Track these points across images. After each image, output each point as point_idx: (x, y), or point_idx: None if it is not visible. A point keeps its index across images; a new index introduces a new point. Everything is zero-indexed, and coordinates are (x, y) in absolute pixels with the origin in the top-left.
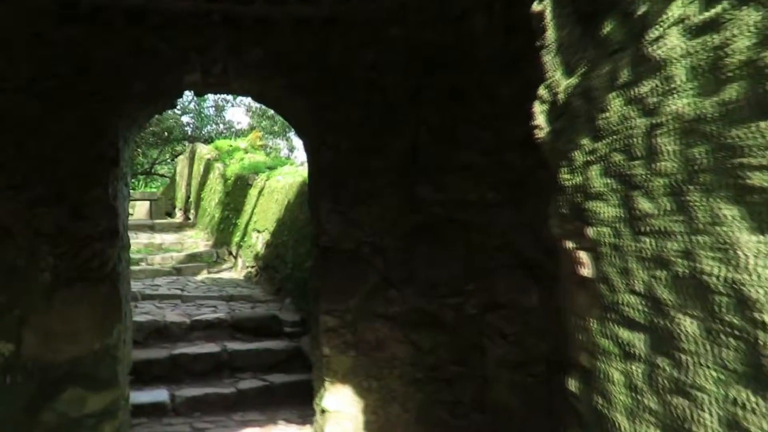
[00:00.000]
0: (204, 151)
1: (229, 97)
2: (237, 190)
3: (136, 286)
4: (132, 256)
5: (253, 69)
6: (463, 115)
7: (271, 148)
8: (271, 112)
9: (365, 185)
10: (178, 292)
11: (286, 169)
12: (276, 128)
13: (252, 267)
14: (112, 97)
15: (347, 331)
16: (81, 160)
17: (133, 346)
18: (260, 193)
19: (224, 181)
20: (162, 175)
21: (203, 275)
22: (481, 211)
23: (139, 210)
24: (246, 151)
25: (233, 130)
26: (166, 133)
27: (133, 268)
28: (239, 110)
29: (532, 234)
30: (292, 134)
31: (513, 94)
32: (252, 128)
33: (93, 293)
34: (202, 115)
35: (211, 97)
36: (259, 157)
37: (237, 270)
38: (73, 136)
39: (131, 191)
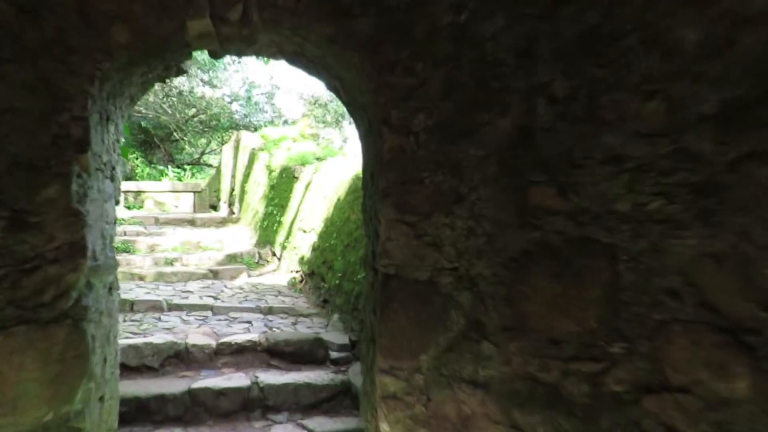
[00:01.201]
0: (249, 139)
1: (280, 82)
2: (282, 184)
3: (165, 292)
4: (167, 255)
5: (286, 13)
6: (610, 77)
7: (323, 138)
8: (325, 98)
9: (448, 185)
10: (211, 300)
11: (337, 161)
12: (328, 117)
13: (296, 272)
14: (78, 51)
15: (416, 401)
16: (29, 145)
17: (146, 373)
18: (307, 187)
19: (268, 173)
20: (210, 165)
21: (242, 279)
22: (639, 230)
23: (183, 203)
24: (294, 141)
25: (283, 118)
26: (213, 121)
27: (166, 269)
28: (291, 97)
29: (737, 273)
30: (346, 123)
31: (702, 40)
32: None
33: (43, 340)
34: (252, 101)
35: (263, 82)
36: (308, 146)
37: (280, 273)
38: (16, 108)
39: (177, 180)
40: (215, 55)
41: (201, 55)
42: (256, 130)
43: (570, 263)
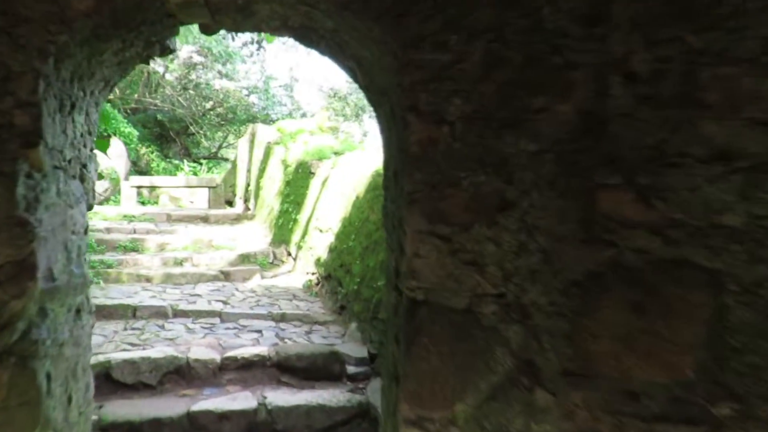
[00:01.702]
0: (264, 133)
1: (299, 74)
2: (298, 180)
3: (171, 295)
4: (176, 255)
5: None
6: (713, 46)
7: (342, 132)
8: (345, 90)
9: (492, 188)
10: (219, 306)
11: (356, 155)
12: (348, 110)
13: (312, 274)
14: (25, 19)
15: None
16: None
17: (142, 391)
18: (324, 184)
19: (284, 168)
20: (227, 160)
21: (255, 281)
22: (757, 252)
23: (199, 198)
24: (312, 134)
25: (302, 111)
26: (230, 114)
27: (175, 270)
28: (310, 90)
29: None
30: (366, 116)
31: None
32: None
33: None
34: (270, 94)
35: (282, 74)
36: (327, 140)
37: (295, 275)
38: None
39: (193, 175)
40: (208, 29)
41: (217, 47)
42: (273, 123)
43: (656, 292)
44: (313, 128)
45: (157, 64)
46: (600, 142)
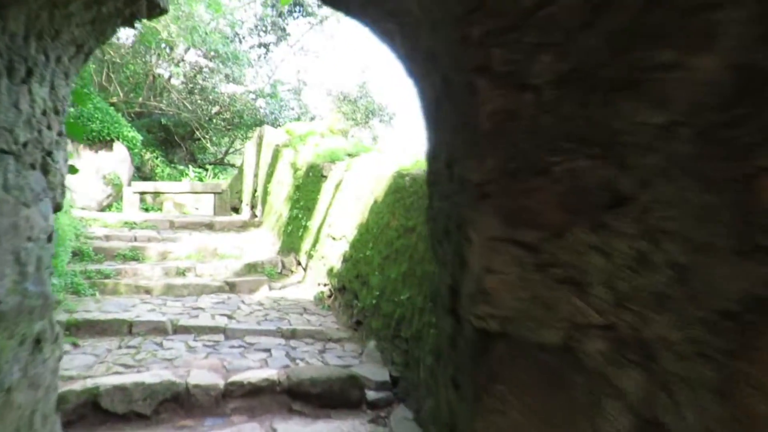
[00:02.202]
0: (272, 135)
1: (308, 77)
2: (309, 184)
3: (172, 309)
4: (179, 264)
5: None
6: None
7: (352, 136)
8: (354, 95)
9: (598, 176)
10: (224, 321)
11: (373, 156)
12: (358, 115)
13: (324, 285)
14: None
15: None
16: None
17: (135, 422)
18: (337, 187)
19: (293, 172)
20: (234, 166)
21: (263, 292)
22: None
23: (204, 204)
24: (322, 136)
25: (310, 115)
26: (237, 119)
27: (176, 281)
28: (318, 93)
29: None
30: (376, 121)
31: None
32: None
33: None
34: (278, 97)
35: (290, 78)
36: (338, 142)
37: (305, 286)
38: None
39: (198, 180)
40: None
41: (224, 48)
42: (281, 127)
43: None
44: (323, 130)
45: (162, 68)
46: (765, 110)
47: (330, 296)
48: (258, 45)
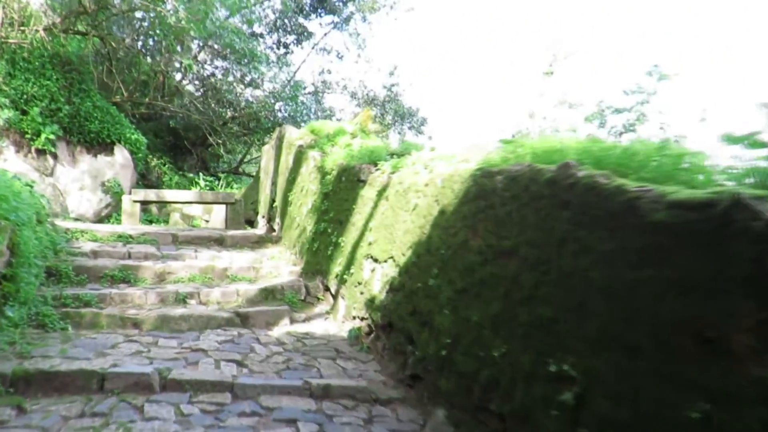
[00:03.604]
0: (294, 135)
1: (330, 75)
2: (341, 191)
3: (163, 351)
4: (179, 289)
5: None
6: None
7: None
8: (382, 98)
9: None
10: (233, 370)
11: (432, 154)
12: (388, 118)
13: (362, 319)
14: None
15: None
16: None
17: None
18: (381, 194)
19: (321, 177)
20: (250, 176)
21: (282, 327)
22: None
23: (215, 217)
24: (353, 136)
25: (335, 118)
26: (253, 122)
27: (174, 311)
28: (341, 96)
29: None
30: (407, 126)
31: None
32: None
33: None
34: (297, 99)
35: (309, 79)
36: (375, 142)
37: (336, 318)
38: None
39: (207, 189)
40: None
41: (240, 44)
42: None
43: None
44: (354, 130)
45: (174, 69)
46: None
47: (369, 334)
48: (277, 45)
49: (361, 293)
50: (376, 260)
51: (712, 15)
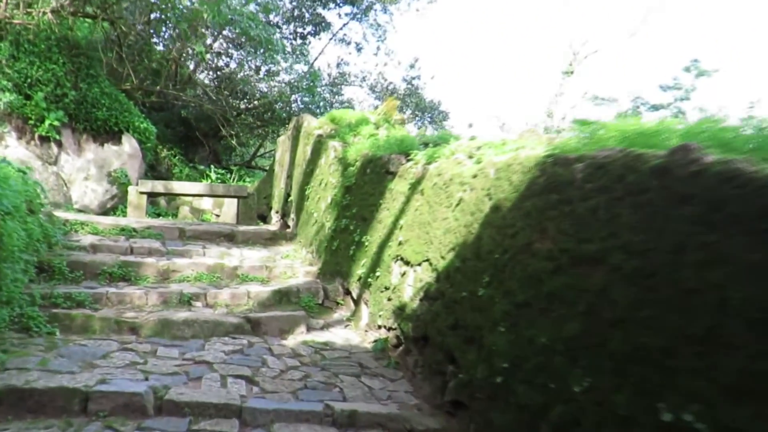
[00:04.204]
0: (313, 124)
1: (348, 67)
2: (365, 185)
3: (161, 364)
4: (183, 289)
5: None
6: None
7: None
8: (402, 90)
9: None
10: (241, 389)
11: (479, 141)
12: (408, 112)
13: (389, 329)
14: None
15: None
16: None
17: None
18: (414, 188)
19: (342, 169)
20: (264, 169)
21: (298, 335)
22: None
23: (226, 211)
24: (377, 127)
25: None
26: (267, 114)
27: (177, 315)
28: (361, 89)
29: None
30: (427, 120)
31: None
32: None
33: None
34: (315, 89)
35: (327, 71)
36: (402, 132)
37: (358, 327)
38: None
39: (218, 182)
40: None
41: (255, 31)
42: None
43: None
44: (378, 119)
45: (188, 57)
46: None
47: (398, 346)
48: (294, 35)
49: (389, 299)
50: (407, 263)
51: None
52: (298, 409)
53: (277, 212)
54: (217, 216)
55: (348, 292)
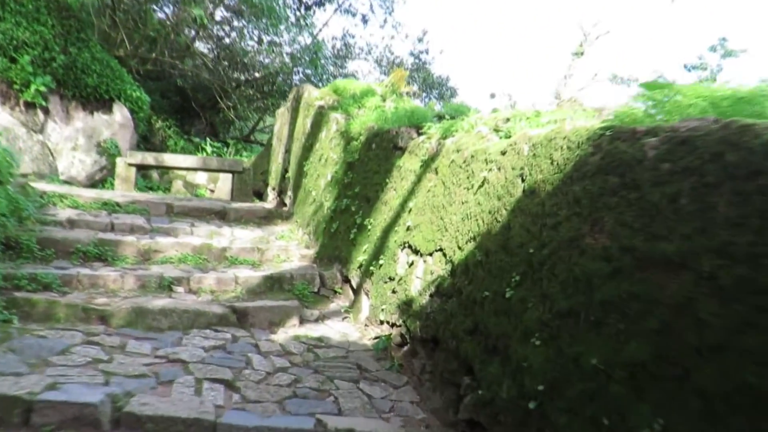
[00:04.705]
0: (314, 95)
1: (354, 40)
2: (370, 161)
3: (131, 361)
4: (164, 272)
5: None
6: None
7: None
8: (409, 65)
9: None
10: (218, 397)
11: (506, 113)
12: (415, 87)
13: (393, 325)
14: None
15: None
16: None
17: None
18: (427, 165)
19: (345, 144)
20: (262, 144)
21: (290, 329)
22: None
23: (221, 186)
24: (384, 99)
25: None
26: (267, 86)
27: (154, 302)
28: (366, 63)
29: None
30: (434, 97)
31: None
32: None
33: None
34: (318, 63)
35: (331, 44)
36: (412, 105)
37: (357, 320)
38: None
39: (211, 156)
40: None
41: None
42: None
43: None
44: (384, 91)
45: (186, 24)
46: None
47: (402, 345)
48: (298, 6)
49: (393, 292)
50: (416, 251)
51: None
52: (284, 427)
53: (273, 189)
54: (212, 191)
55: (347, 280)
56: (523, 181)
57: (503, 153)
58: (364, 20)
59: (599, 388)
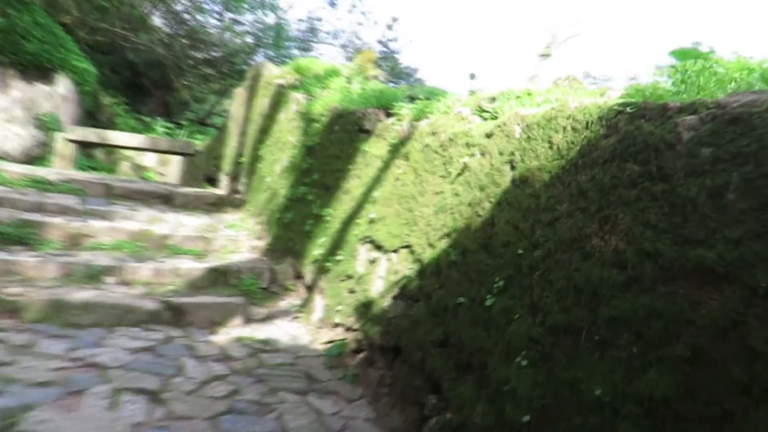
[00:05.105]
0: (274, 72)
1: (320, 24)
2: (332, 145)
3: (38, 365)
4: (93, 260)
5: None
6: None
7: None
8: (377, 52)
9: None
10: (139, 407)
11: (492, 92)
12: (381, 78)
13: (349, 329)
14: None
15: None
16: None
17: None
18: (396, 150)
19: (305, 126)
20: (217, 128)
21: (233, 329)
22: None
23: (173, 170)
24: (349, 81)
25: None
26: (226, 66)
27: (78, 295)
28: (332, 48)
29: None
30: (402, 84)
31: None
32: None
33: None
34: (282, 43)
35: (295, 26)
36: (381, 87)
37: (310, 321)
38: None
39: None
40: None
41: None
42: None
43: None
44: (350, 73)
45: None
46: None
47: (359, 352)
48: None
49: (351, 292)
50: (379, 247)
51: None
52: None
53: (227, 174)
54: (162, 175)
55: (300, 276)
56: (512, 168)
57: (489, 136)
58: (332, 3)
59: (603, 424)
